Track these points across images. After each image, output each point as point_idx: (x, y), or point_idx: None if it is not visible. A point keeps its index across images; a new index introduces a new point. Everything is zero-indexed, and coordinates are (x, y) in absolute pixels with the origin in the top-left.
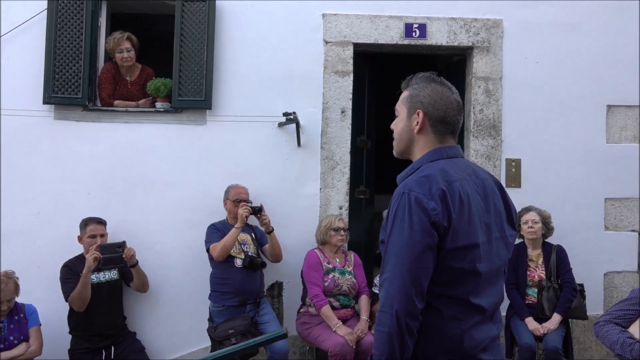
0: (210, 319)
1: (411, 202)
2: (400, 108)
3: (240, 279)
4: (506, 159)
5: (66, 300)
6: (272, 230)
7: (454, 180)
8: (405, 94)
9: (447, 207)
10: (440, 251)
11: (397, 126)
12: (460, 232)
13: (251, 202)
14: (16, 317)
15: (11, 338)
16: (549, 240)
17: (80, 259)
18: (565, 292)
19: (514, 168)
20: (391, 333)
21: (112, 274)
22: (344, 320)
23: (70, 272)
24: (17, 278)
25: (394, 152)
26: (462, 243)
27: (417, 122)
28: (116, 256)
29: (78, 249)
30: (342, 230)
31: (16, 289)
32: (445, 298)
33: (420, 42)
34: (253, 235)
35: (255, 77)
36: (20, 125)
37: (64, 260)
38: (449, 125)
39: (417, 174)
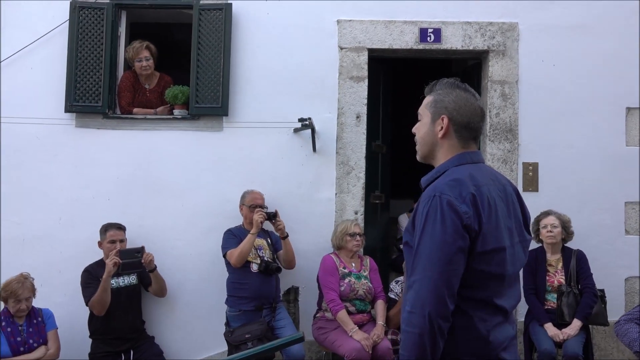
0: (227, 324)
1: (443, 205)
2: (424, 112)
3: (257, 284)
4: (523, 163)
5: (87, 305)
6: (287, 235)
7: (482, 185)
8: (429, 99)
9: (477, 211)
10: (470, 254)
11: (420, 130)
12: (488, 236)
13: (266, 208)
14: (34, 321)
15: (30, 341)
16: (569, 244)
17: (100, 264)
18: (585, 297)
19: (531, 172)
20: (422, 334)
21: (131, 279)
22: (360, 325)
23: (91, 277)
24: (33, 279)
25: (417, 156)
26: (491, 247)
27: (441, 127)
28: (135, 261)
29: (98, 254)
30: (357, 236)
31: (32, 289)
32: (473, 300)
33: (435, 46)
34: (269, 240)
35: (271, 83)
36: (43, 133)
37: (85, 265)
38: (473, 131)
39: (445, 178)
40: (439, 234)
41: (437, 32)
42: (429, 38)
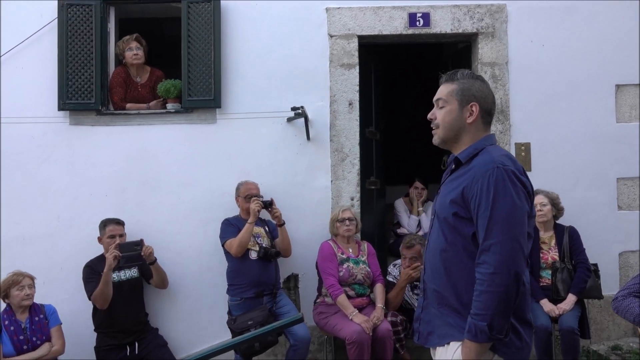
0: (229, 313)
1: (509, 174)
2: (450, 99)
3: (256, 271)
4: (515, 144)
5: (89, 299)
6: (284, 223)
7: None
8: (453, 87)
9: (529, 182)
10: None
11: (446, 116)
12: (532, 204)
13: (262, 197)
14: (36, 318)
15: (34, 339)
16: (561, 221)
17: (100, 259)
18: (579, 272)
19: (524, 152)
20: (508, 292)
21: (132, 272)
22: (360, 309)
23: (92, 271)
24: (35, 277)
25: (436, 140)
26: (533, 213)
27: (471, 113)
28: (135, 254)
29: (98, 250)
30: (347, 220)
31: (32, 279)
32: None
33: (425, 31)
34: (266, 228)
35: (262, 74)
36: (38, 133)
37: (86, 261)
38: (491, 117)
39: (492, 154)
40: (512, 199)
41: (426, 17)
42: (418, 23)
